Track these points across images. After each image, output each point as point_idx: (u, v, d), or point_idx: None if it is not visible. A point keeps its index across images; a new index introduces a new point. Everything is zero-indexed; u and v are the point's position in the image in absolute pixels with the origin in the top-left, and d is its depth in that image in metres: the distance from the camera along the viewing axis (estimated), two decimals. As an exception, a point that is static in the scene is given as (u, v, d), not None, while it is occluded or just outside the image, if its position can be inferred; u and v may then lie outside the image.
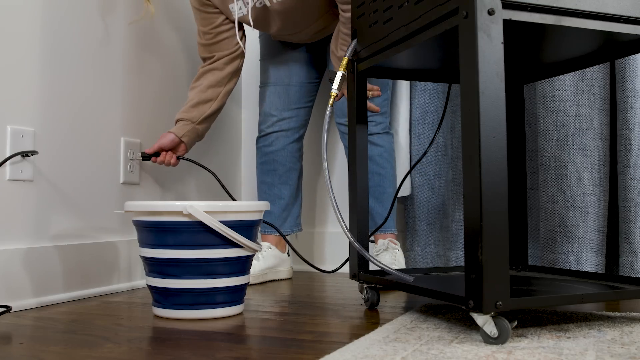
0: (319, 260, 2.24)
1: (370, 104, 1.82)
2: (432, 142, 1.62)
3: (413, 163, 2.07)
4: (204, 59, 1.83)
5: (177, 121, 1.79)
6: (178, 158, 1.80)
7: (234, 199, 1.89)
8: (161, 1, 1.92)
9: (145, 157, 1.77)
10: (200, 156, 2.09)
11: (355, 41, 1.37)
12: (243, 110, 2.41)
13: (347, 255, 2.14)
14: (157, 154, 1.77)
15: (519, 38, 1.18)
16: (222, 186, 1.85)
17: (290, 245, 1.84)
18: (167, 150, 1.77)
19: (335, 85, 1.32)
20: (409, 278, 1.23)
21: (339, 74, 1.32)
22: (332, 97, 1.31)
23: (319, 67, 2.01)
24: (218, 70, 1.81)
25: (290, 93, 1.96)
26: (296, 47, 1.96)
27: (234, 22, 1.78)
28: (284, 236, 1.82)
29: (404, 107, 2.04)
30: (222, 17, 1.78)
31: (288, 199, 1.98)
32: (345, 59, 1.34)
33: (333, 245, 2.24)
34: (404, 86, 2.04)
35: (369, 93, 1.82)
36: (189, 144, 1.80)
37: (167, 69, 1.95)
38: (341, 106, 1.89)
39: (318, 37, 1.88)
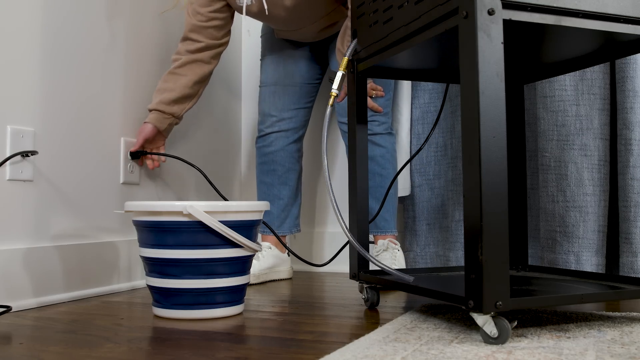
0: (318, 260, 2.24)
1: (373, 104, 1.82)
2: (427, 140, 1.62)
3: (412, 161, 2.07)
4: (186, 39, 1.78)
5: (154, 110, 1.75)
6: (165, 155, 1.80)
7: (223, 198, 1.88)
8: (162, 1, 1.92)
9: (135, 156, 1.76)
10: (199, 155, 2.10)
11: (355, 41, 1.37)
12: (243, 109, 2.41)
13: (346, 254, 2.14)
14: (142, 151, 1.77)
15: (519, 38, 1.18)
16: (211, 184, 1.85)
17: (285, 245, 1.83)
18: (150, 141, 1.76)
19: (335, 85, 1.32)
20: (409, 278, 1.23)
21: (339, 74, 1.32)
22: (332, 97, 1.31)
23: (319, 68, 2.01)
24: (205, 64, 1.79)
25: (290, 93, 1.96)
26: (297, 47, 1.96)
27: (232, 12, 1.76)
28: (279, 238, 1.81)
29: (406, 107, 2.04)
30: (223, 3, 1.76)
31: (287, 199, 1.98)
32: (345, 59, 1.35)
33: (333, 245, 2.24)
34: (405, 86, 2.04)
35: (373, 93, 1.83)
36: (166, 137, 1.81)
37: (168, 69, 1.94)
38: (344, 105, 1.89)
39: (322, 36, 1.87)
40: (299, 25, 1.79)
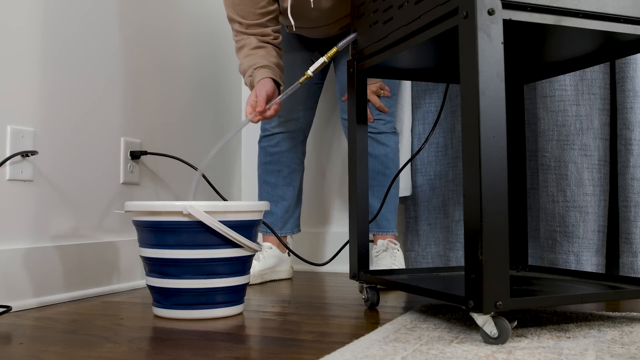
0: (318, 260, 2.24)
1: (380, 104, 1.83)
2: (427, 140, 1.62)
3: (413, 162, 2.07)
4: (255, 26, 1.68)
5: (264, 67, 1.63)
6: (165, 155, 1.79)
7: (223, 198, 1.88)
8: (163, 1, 1.92)
9: (135, 156, 1.76)
10: (199, 155, 2.09)
11: (354, 34, 1.38)
12: (243, 109, 2.41)
13: (346, 254, 2.14)
14: (143, 151, 1.78)
15: (519, 38, 1.18)
16: (210, 184, 1.85)
17: (288, 247, 1.83)
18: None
19: (312, 68, 1.44)
20: None
21: (321, 59, 1.44)
22: (305, 76, 1.44)
23: (323, 69, 2.00)
24: (277, 47, 1.72)
25: (298, 94, 1.94)
26: (305, 47, 1.94)
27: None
28: (279, 238, 1.81)
29: (407, 107, 2.04)
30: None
31: (291, 200, 1.97)
32: (335, 49, 1.42)
33: (333, 245, 2.24)
34: (407, 86, 2.04)
35: (382, 92, 1.83)
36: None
37: (168, 69, 1.95)
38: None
39: (341, 32, 1.84)
40: (328, 21, 1.77)
